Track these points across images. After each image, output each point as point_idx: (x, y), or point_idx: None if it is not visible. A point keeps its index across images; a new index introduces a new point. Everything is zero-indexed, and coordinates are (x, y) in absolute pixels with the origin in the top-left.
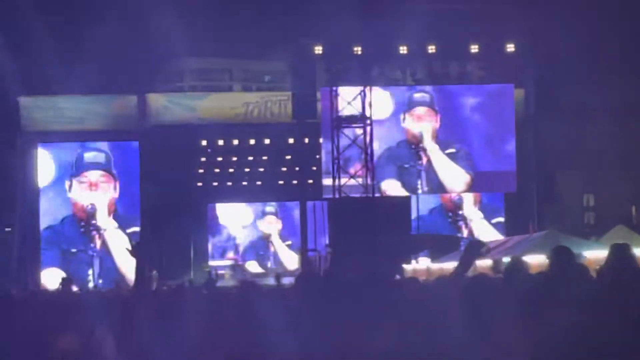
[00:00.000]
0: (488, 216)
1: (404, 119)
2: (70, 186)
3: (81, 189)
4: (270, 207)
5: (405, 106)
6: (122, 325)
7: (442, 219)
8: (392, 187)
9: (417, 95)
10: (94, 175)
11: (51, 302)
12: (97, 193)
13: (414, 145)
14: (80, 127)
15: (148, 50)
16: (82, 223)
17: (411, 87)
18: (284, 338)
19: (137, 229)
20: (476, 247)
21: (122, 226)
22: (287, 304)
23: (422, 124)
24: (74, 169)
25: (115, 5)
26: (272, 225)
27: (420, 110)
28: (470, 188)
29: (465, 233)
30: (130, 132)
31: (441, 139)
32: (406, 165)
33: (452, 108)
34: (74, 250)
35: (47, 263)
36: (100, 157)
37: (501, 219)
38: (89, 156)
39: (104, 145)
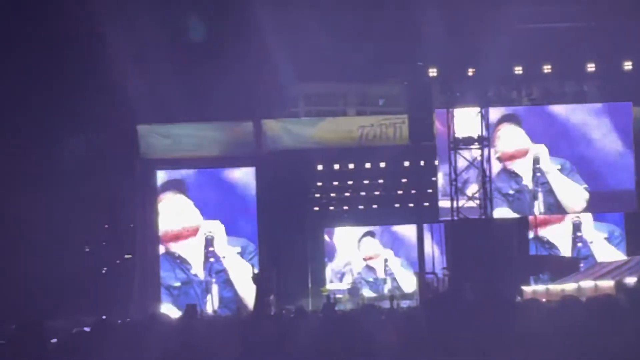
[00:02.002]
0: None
1: (496, 145)
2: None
3: (166, 213)
4: (387, 231)
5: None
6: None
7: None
8: (504, 215)
9: (499, 116)
10: (168, 196)
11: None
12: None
13: (513, 169)
14: (197, 154)
15: (263, 77)
16: (176, 254)
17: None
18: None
19: (237, 248)
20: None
21: (238, 252)
22: (407, 326)
23: (518, 142)
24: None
25: (230, 34)
26: (388, 249)
27: (506, 128)
28: (589, 207)
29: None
30: (247, 158)
31: (550, 157)
32: (511, 192)
33: (565, 127)
34: (177, 284)
35: (162, 299)
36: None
37: (605, 235)
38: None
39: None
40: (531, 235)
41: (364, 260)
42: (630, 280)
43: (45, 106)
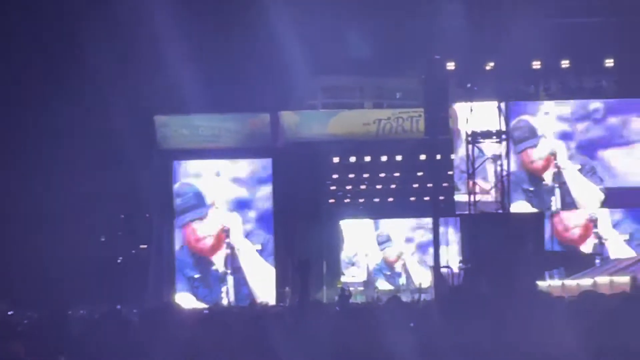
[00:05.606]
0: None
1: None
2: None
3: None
4: (403, 224)
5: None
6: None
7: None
8: (521, 209)
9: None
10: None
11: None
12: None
13: (531, 169)
14: (215, 145)
15: (281, 69)
16: (197, 247)
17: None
18: (420, 353)
19: (257, 246)
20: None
21: (254, 242)
22: (425, 320)
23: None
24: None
25: (248, 25)
26: (403, 243)
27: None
28: (605, 204)
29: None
30: (264, 149)
31: (571, 155)
32: (531, 188)
33: (584, 123)
34: (197, 275)
35: (178, 288)
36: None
37: (626, 236)
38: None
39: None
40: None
41: (390, 254)
42: None
43: (62, 96)
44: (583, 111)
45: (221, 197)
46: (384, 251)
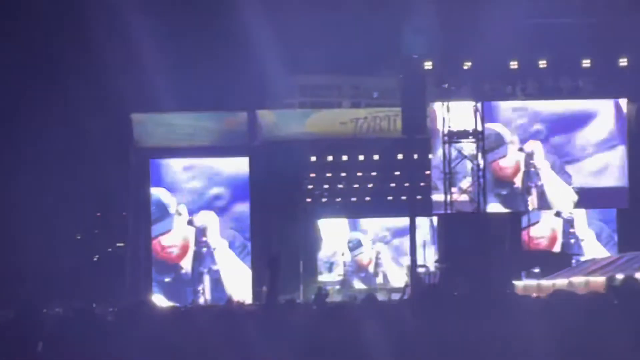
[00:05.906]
0: (598, 232)
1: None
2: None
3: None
4: (379, 223)
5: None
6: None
7: None
8: (497, 210)
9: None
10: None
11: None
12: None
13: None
14: (191, 143)
15: (258, 67)
16: (166, 253)
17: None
18: (397, 352)
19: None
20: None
21: (230, 242)
22: (398, 318)
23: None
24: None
25: (225, 23)
26: (378, 243)
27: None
28: (579, 205)
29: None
30: (241, 148)
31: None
32: (504, 192)
33: (559, 123)
34: (167, 279)
35: (154, 290)
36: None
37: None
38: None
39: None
40: None
41: (366, 253)
42: (620, 277)
43: (39, 93)
44: (525, 134)
45: (193, 198)
46: (356, 257)
